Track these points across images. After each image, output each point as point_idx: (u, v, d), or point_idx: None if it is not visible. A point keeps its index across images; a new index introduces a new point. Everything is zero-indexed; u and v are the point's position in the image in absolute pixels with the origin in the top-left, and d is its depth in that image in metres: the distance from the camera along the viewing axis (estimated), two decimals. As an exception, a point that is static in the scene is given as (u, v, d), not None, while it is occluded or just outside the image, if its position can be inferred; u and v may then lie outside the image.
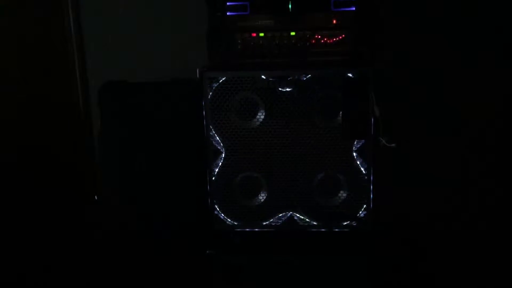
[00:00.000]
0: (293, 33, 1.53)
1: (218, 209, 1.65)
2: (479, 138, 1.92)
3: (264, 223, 1.65)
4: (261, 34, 1.54)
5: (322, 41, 1.53)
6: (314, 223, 1.63)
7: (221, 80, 1.55)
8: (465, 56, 1.88)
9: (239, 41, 1.55)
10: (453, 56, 1.89)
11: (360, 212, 1.61)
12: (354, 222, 1.61)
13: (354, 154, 1.58)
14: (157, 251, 1.78)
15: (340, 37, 1.53)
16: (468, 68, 1.89)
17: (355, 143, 1.57)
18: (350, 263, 1.62)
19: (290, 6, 1.53)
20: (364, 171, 1.58)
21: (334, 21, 1.53)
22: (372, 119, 1.52)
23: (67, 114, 2.10)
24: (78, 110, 2.10)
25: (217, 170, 1.62)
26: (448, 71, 1.91)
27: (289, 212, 1.64)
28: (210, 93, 1.56)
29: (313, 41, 1.54)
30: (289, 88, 1.54)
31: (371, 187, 1.59)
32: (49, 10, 2.04)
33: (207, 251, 1.65)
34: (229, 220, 1.65)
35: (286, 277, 1.63)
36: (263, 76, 1.53)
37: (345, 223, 1.62)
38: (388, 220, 1.72)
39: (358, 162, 1.58)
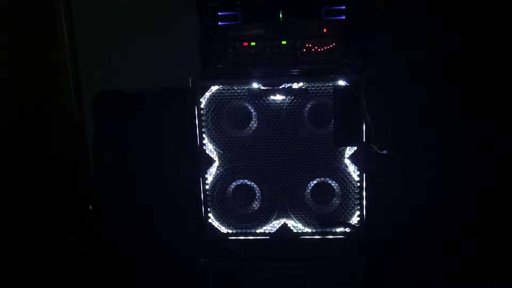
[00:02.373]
0: (284, 42, 1.55)
1: (212, 217, 1.65)
2: (475, 143, 1.93)
3: (258, 231, 1.65)
4: (253, 43, 1.55)
5: (313, 49, 1.55)
6: (308, 230, 1.64)
7: (213, 89, 1.56)
8: (460, 62, 1.90)
9: (230, 50, 1.56)
10: (445, 62, 1.91)
11: (353, 219, 1.62)
12: (347, 229, 1.62)
13: (347, 161, 1.59)
14: (151, 260, 1.78)
15: (331, 45, 1.54)
16: (462, 74, 1.91)
17: (347, 150, 1.58)
18: (344, 270, 1.62)
19: (281, 15, 1.54)
20: (356, 178, 1.59)
21: (325, 30, 1.54)
22: (364, 126, 1.53)
23: (60, 123, 2.11)
24: (72, 119, 2.11)
25: (210, 178, 1.63)
26: (440, 78, 1.92)
27: (282, 219, 1.64)
28: (203, 102, 1.57)
29: (304, 50, 1.55)
30: (281, 96, 1.55)
31: (364, 193, 1.59)
32: (42, 17, 2.05)
33: (202, 259, 1.66)
34: (223, 228, 1.66)
35: (280, 284, 1.63)
36: (255, 85, 1.54)
37: (339, 230, 1.63)
38: (382, 226, 1.73)
39: (350, 169, 1.59)
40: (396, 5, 1.86)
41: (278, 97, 1.56)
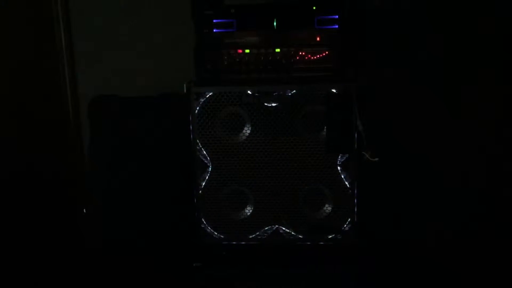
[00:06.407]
0: (278, 50, 1.57)
1: (204, 222, 1.67)
2: (468, 145, 1.95)
3: (250, 236, 1.66)
4: (247, 51, 1.58)
5: (306, 57, 1.57)
6: (300, 236, 1.65)
7: (207, 95, 1.58)
8: (453, 72, 1.92)
9: (225, 57, 1.58)
10: (438, 72, 1.93)
11: (345, 225, 1.63)
12: (338, 235, 1.63)
13: (339, 168, 1.61)
14: (143, 264, 1.78)
15: (324, 54, 1.57)
16: (455, 84, 1.93)
17: (339, 157, 1.60)
18: (335, 276, 1.64)
19: (275, 23, 1.57)
20: (348, 185, 1.61)
21: (318, 38, 1.56)
22: (356, 134, 1.55)
23: (56, 127, 2.12)
24: (68, 123, 2.13)
25: (204, 184, 1.64)
26: (432, 87, 1.94)
27: (274, 225, 1.66)
28: (197, 108, 1.59)
29: (298, 58, 1.57)
30: (274, 103, 1.57)
31: (355, 200, 1.61)
32: (40, 25, 2.07)
33: (194, 264, 1.67)
34: (216, 233, 1.67)
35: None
36: (249, 92, 1.56)
37: (330, 236, 1.64)
38: (373, 233, 1.74)
39: (342, 176, 1.61)
40: (388, 13, 1.89)
41: (272, 104, 1.58)
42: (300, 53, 1.57)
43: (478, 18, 1.88)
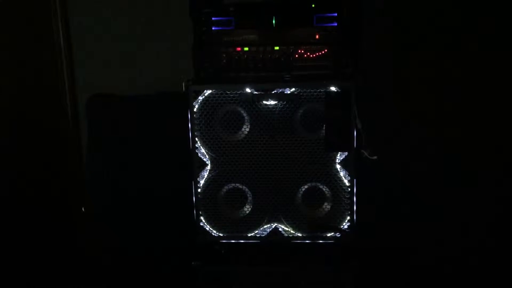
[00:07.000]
0: (276, 48, 1.57)
1: (203, 220, 1.66)
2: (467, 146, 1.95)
3: (249, 235, 1.66)
4: (246, 49, 1.57)
5: (305, 55, 1.57)
6: (298, 234, 1.65)
7: (206, 94, 1.58)
8: (453, 72, 1.92)
9: (224, 55, 1.58)
10: (438, 72, 1.93)
11: (344, 223, 1.63)
12: (337, 233, 1.63)
13: (338, 166, 1.61)
14: (142, 263, 1.79)
15: (323, 52, 1.56)
16: (452, 83, 1.93)
17: (338, 155, 1.60)
18: (334, 275, 1.63)
19: (274, 21, 1.56)
20: (347, 183, 1.60)
21: (317, 36, 1.56)
22: (355, 132, 1.55)
23: (55, 126, 2.12)
24: (66, 123, 2.13)
25: (202, 182, 1.64)
26: (431, 85, 1.94)
27: (273, 223, 1.66)
28: (196, 106, 1.59)
29: (296, 56, 1.57)
30: (273, 101, 1.57)
31: (355, 199, 1.61)
32: (39, 25, 2.07)
33: (193, 263, 1.66)
34: (215, 231, 1.67)
35: (271, 288, 1.64)
36: (247, 90, 1.56)
37: (329, 235, 1.64)
38: (373, 231, 1.74)
39: (341, 174, 1.61)
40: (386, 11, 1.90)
41: (271, 102, 1.57)
42: (299, 51, 1.57)
43: (478, 18, 1.88)
